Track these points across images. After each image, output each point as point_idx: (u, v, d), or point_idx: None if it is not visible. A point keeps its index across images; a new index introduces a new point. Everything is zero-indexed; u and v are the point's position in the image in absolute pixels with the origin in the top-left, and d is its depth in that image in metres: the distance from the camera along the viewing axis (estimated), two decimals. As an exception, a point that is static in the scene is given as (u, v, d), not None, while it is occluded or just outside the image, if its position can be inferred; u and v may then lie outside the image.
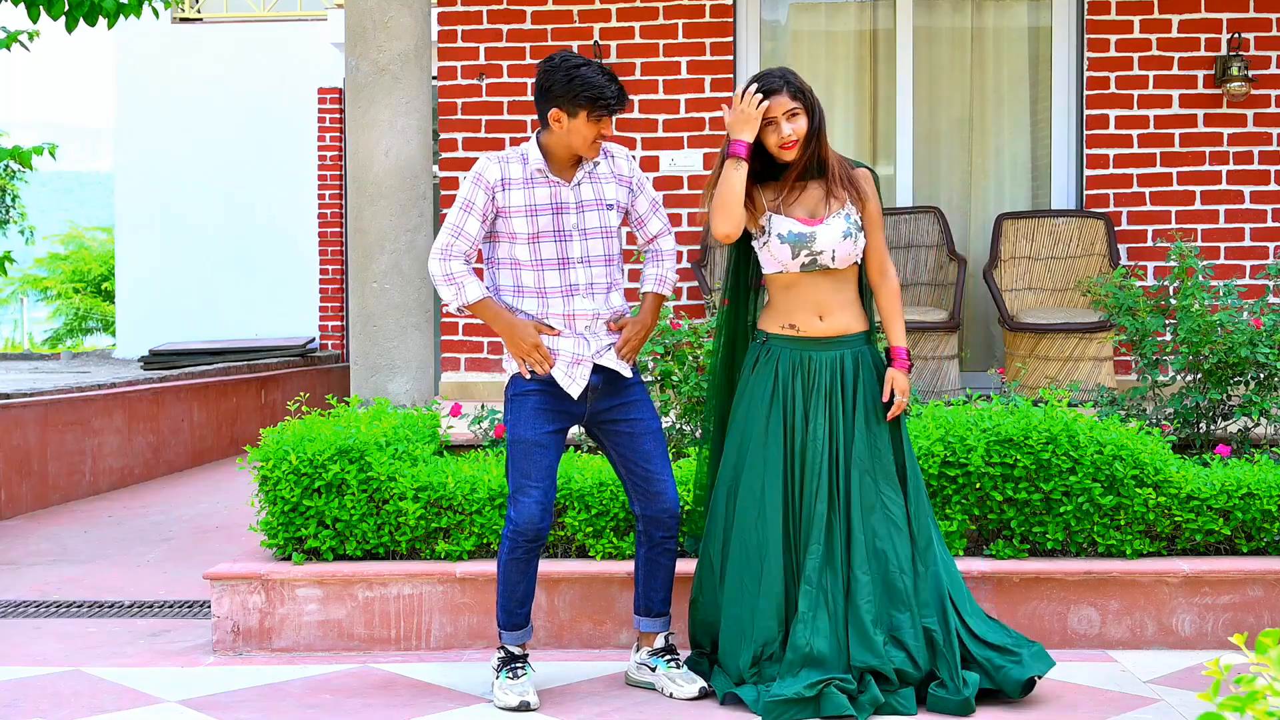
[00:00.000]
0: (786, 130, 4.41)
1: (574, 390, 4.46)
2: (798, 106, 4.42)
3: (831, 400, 4.46)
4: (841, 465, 4.44)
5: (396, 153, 6.06)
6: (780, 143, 4.42)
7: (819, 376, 4.47)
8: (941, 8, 8.21)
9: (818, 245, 4.44)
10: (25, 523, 8.01)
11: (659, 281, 4.67)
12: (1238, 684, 2.13)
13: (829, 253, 4.45)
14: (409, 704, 4.52)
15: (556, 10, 7.93)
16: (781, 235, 4.45)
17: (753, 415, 4.51)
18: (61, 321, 19.37)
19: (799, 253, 4.45)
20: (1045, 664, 4.43)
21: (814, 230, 4.44)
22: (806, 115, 4.43)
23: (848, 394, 4.47)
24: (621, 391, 4.55)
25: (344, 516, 5.19)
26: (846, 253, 4.46)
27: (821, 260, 4.46)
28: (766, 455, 4.46)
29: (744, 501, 4.49)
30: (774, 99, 4.41)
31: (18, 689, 4.73)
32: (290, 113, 12.83)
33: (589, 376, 4.47)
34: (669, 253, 4.70)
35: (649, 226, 4.68)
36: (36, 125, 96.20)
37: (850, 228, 4.46)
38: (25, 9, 7.00)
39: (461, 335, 7.95)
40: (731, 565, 4.50)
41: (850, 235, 4.46)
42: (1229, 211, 7.75)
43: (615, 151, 4.61)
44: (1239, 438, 5.90)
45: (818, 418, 4.45)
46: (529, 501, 4.43)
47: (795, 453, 4.46)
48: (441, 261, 4.46)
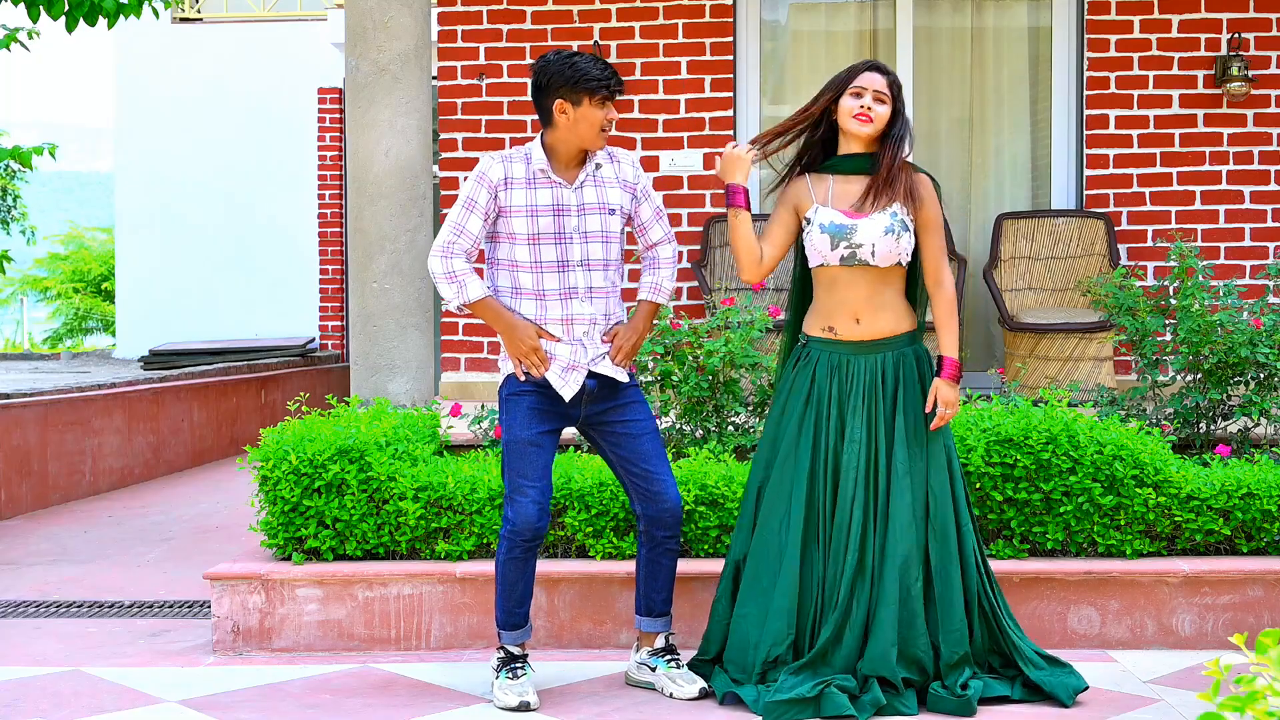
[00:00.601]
0: (867, 101, 4.42)
1: (566, 394, 4.46)
2: (887, 95, 4.44)
3: (871, 405, 4.43)
4: (882, 471, 4.41)
5: (396, 153, 6.06)
6: (855, 110, 4.42)
7: (856, 380, 4.44)
8: (941, 8, 8.21)
9: (858, 238, 4.41)
10: (25, 523, 8.01)
11: (654, 290, 4.66)
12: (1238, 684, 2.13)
13: (869, 246, 4.41)
14: (409, 704, 4.52)
15: (556, 10, 7.93)
16: (823, 225, 4.44)
17: (787, 417, 4.50)
18: (61, 321, 19.37)
19: (838, 244, 4.42)
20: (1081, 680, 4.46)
21: (856, 223, 4.42)
22: (892, 109, 4.44)
23: (887, 398, 4.44)
24: (617, 394, 4.55)
25: (344, 516, 5.19)
26: (887, 249, 4.42)
27: (861, 255, 4.42)
28: (797, 457, 4.44)
29: (770, 502, 4.48)
30: (872, 74, 4.46)
31: (18, 689, 4.73)
32: (290, 113, 12.83)
33: (583, 381, 4.48)
34: (667, 260, 4.69)
35: (650, 234, 4.67)
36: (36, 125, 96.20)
37: (894, 225, 4.42)
38: (25, 9, 7.00)
39: (461, 335, 7.95)
40: (750, 564, 4.50)
41: (893, 232, 4.41)
42: (1229, 211, 7.75)
43: (621, 156, 4.61)
44: (1239, 438, 5.90)
45: (855, 421, 4.42)
46: (525, 501, 4.43)
47: (828, 457, 4.44)
48: (443, 259, 4.46)
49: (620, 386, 4.55)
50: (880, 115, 4.42)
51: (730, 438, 5.65)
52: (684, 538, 5.19)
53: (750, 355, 5.63)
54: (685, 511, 5.14)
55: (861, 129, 4.42)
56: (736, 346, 5.60)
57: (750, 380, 5.79)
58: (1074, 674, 4.45)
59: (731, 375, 5.68)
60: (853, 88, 4.44)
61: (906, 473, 4.40)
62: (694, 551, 5.21)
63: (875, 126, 4.43)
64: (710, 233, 7.73)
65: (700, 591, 5.03)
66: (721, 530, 5.18)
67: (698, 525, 5.18)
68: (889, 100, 4.44)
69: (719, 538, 5.19)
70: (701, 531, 5.19)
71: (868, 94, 4.42)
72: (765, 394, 5.77)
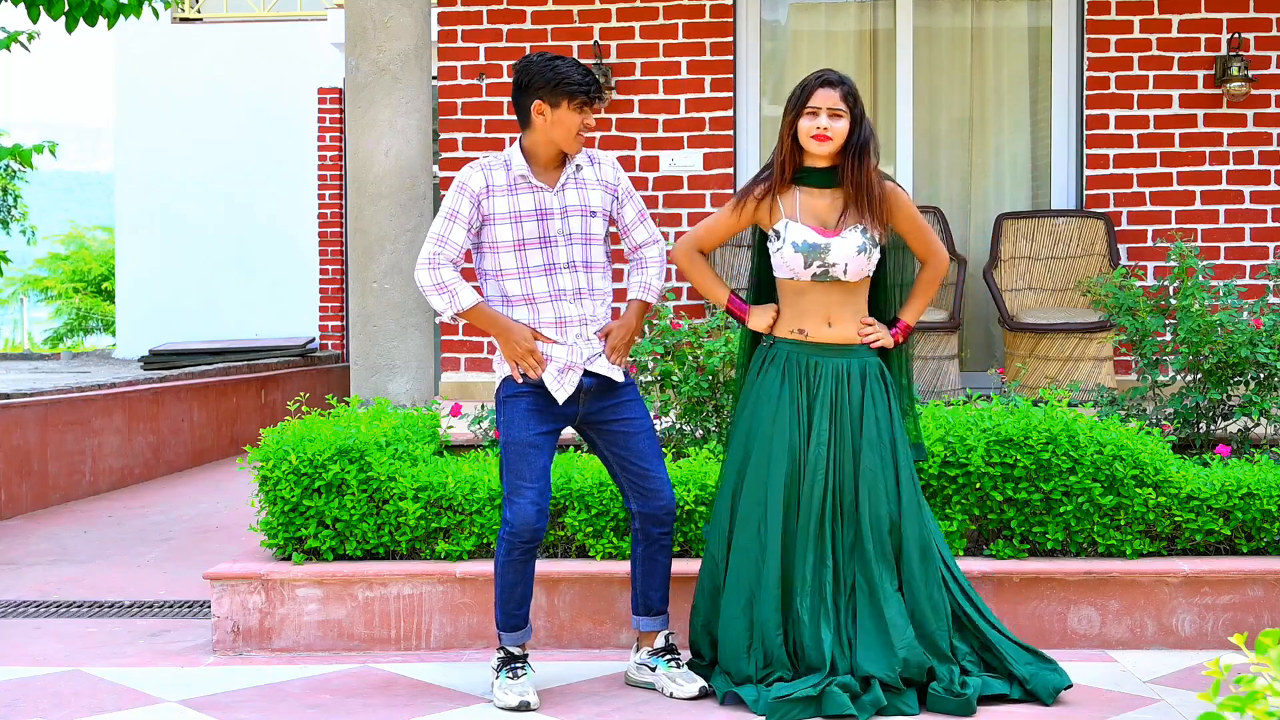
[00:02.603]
0: (823, 121, 4.42)
1: (561, 395, 4.46)
2: (843, 109, 4.44)
3: (837, 409, 4.46)
4: (849, 473, 4.43)
5: (396, 153, 6.06)
6: (813, 131, 4.43)
7: (824, 383, 4.47)
8: (941, 8, 8.21)
9: (831, 257, 4.44)
10: (25, 523, 8.01)
11: (643, 289, 4.66)
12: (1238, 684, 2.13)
13: (841, 266, 4.45)
14: (409, 704, 4.52)
15: (556, 10, 7.93)
16: (796, 244, 4.46)
17: (758, 417, 4.51)
18: (62, 321, 19.37)
19: (811, 263, 4.46)
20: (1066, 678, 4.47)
21: (829, 242, 4.45)
22: (850, 123, 4.44)
23: (854, 403, 4.46)
24: (614, 393, 4.55)
25: (344, 516, 5.19)
26: (859, 267, 4.47)
27: (834, 273, 4.46)
28: (770, 456, 4.46)
29: (746, 504, 4.49)
30: (824, 90, 4.45)
31: (18, 689, 4.73)
32: (290, 113, 12.83)
33: (578, 381, 4.48)
34: (654, 259, 4.69)
35: (635, 235, 4.67)
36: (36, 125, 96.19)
37: (865, 243, 4.46)
38: (25, 9, 7.00)
39: (461, 335, 7.96)
40: (733, 567, 4.50)
41: (865, 250, 4.45)
42: (1229, 211, 7.75)
43: (601, 158, 4.62)
44: (1239, 438, 5.90)
45: (821, 424, 4.45)
46: (524, 503, 4.43)
47: (800, 456, 4.46)
48: (430, 271, 4.45)
49: (617, 386, 4.56)
50: (839, 130, 4.43)
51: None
52: (684, 538, 5.19)
53: (750, 355, 5.62)
54: (685, 511, 5.15)
55: (821, 148, 4.45)
56: (736, 346, 5.60)
57: (750, 380, 5.79)
58: (1057, 671, 4.44)
59: (731, 375, 5.68)
60: (808, 108, 4.45)
61: (878, 478, 4.42)
62: (694, 551, 5.21)
63: (835, 143, 4.44)
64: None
65: (700, 591, 5.03)
66: (721, 530, 5.18)
67: (698, 525, 5.18)
68: (845, 114, 4.44)
69: (719, 538, 5.19)
70: (701, 532, 5.19)
71: (822, 113, 4.43)
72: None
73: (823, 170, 4.50)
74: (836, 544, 4.41)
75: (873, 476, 4.42)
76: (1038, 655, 4.52)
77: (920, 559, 4.43)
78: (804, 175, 4.53)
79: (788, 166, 4.51)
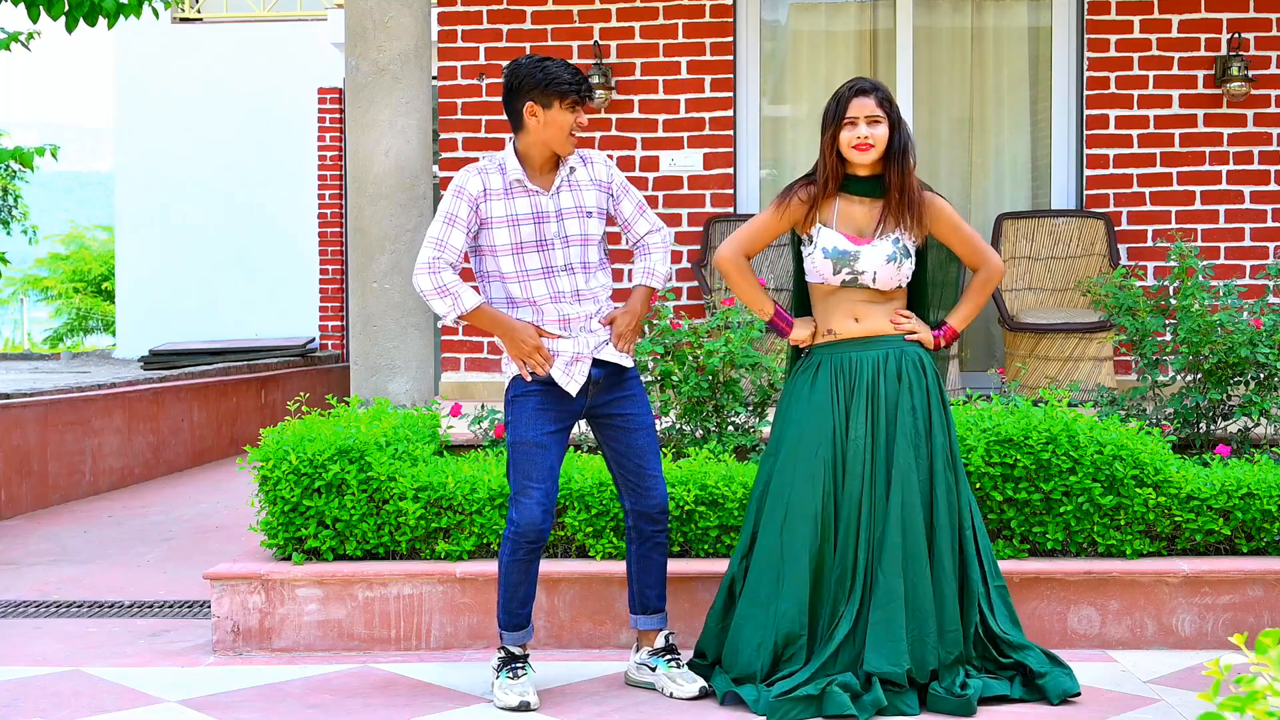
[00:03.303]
0: (863, 130, 4.42)
1: (572, 388, 4.46)
2: (881, 115, 4.43)
3: (874, 399, 4.45)
4: (882, 465, 4.43)
5: (396, 153, 6.06)
6: (854, 141, 4.43)
7: (860, 376, 4.47)
8: (941, 8, 8.21)
9: (860, 265, 4.45)
10: (25, 523, 8.01)
11: (647, 274, 4.66)
12: (1238, 684, 2.13)
13: (870, 273, 4.46)
14: (409, 704, 4.52)
15: (556, 10, 7.94)
16: (826, 250, 4.47)
17: (789, 421, 4.52)
18: (62, 321, 19.37)
19: (840, 269, 4.46)
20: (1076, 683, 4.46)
21: (859, 250, 4.45)
22: (889, 128, 4.44)
23: (890, 392, 4.46)
24: (620, 385, 4.56)
25: (344, 516, 5.19)
26: (889, 276, 4.47)
27: (863, 280, 4.47)
28: (796, 461, 4.45)
29: (770, 511, 4.49)
30: (860, 99, 4.45)
31: (18, 689, 4.73)
32: (290, 113, 12.83)
33: (588, 372, 4.48)
34: (657, 246, 4.68)
35: (636, 228, 4.68)
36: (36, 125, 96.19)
37: (896, 252, 4.45)
38: (25, 9, 7.00)
39: (461, 335, 7.96)
40: (753, 571, 4.50)
41: (895, 260, 4.45)
42: (1229, 211, 7.75)
43: (594, 158, 4.62)
44: (1239, 438, 5.90)
45: (858, 417, 4.45)
46: (530, 503, 4.43)
47: (834, 457, 4.44)
48: (430, 275, 4.44)
49: (624, 376, 4.56)
50: (879, 136, 4.44)
51: (730, 438, 5.65)
52: (684, 538, 5.19)
53: (750, 355, 5.63)
54: (685, 511, 5.15)
55: (864, 157, 4.45)
56: (736, 346, 5.60)
57: (750, 380, 5.80)
58: (1070, 676, 4.44)
59: (731, 375, 5.68)
60: (846, 119, 4.44)
61: (911, 470, 4.40)
62: (694, 551, 5.22)
63: (877, 150, 4.44)
64: (710, 233, 7.73)
65: (700, 591, 5.03)
66: (721, 530, 5.18)
67: (698, 525, 5.18)
68: (883, 119, 4.44)
69: (719, 538, 5.19)
70: (701, 531, 5.19)
71: (861, 122, 4.43)
72: (766, 394, 5.77)
73: (864, 180, 4.50)
74: (866, 536, 4.40)
75: (906, 469, 4.40)
76: (1054, 659, 4.51)
77: (951, 558, 4.41)
78: (846, 183, 4.53)
79: (831, 182, 4.50)
